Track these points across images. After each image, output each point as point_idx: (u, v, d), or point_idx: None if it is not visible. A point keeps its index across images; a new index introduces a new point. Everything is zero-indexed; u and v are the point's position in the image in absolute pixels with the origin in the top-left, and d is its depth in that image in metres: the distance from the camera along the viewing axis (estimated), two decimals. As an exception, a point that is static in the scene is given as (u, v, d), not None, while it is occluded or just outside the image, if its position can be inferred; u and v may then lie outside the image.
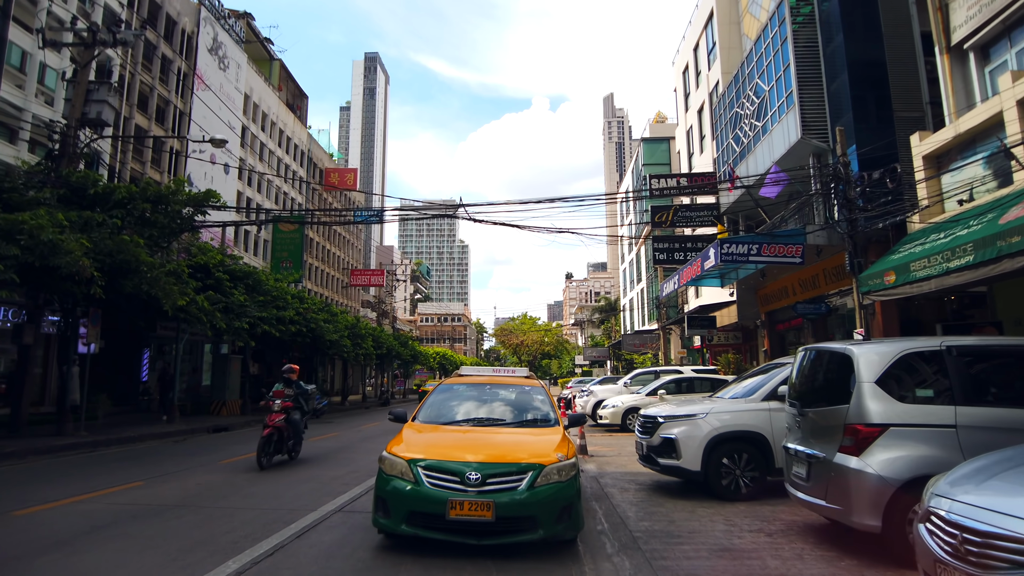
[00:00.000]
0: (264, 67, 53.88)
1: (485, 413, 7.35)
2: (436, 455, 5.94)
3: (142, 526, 6.81)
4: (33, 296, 15.51)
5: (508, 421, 7.19)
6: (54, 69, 24.79)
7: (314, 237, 59.99)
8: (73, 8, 25.15)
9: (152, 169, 33.60)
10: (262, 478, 10.16)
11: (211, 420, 21.91)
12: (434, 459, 5.86)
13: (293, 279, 33.43)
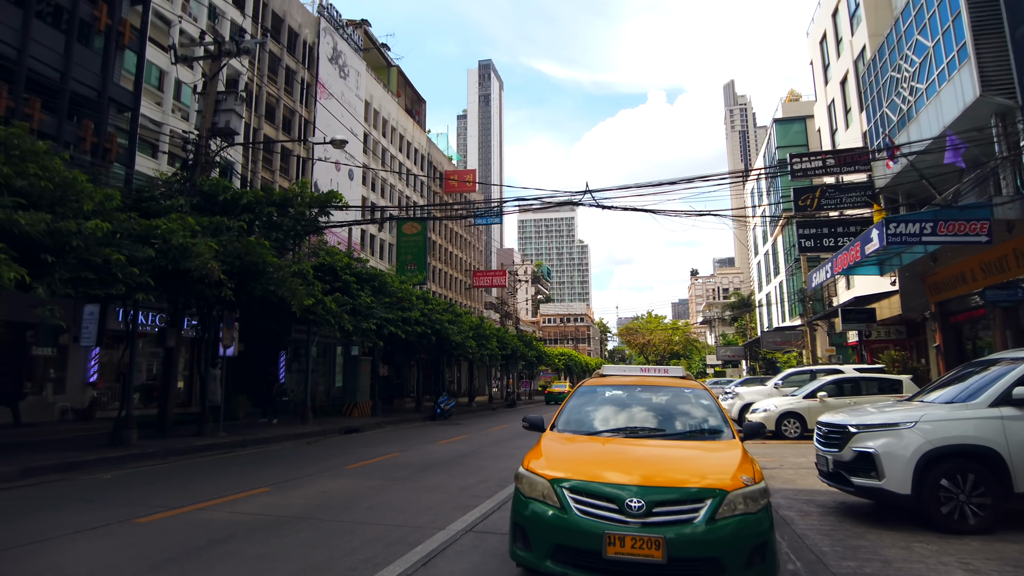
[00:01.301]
0: (382, 74, 55.38)
1: (638, 421, 6.02)
2: (585, 474, 4.71)
3: (258, 543, 6.12)
4: (173, 301, 16.00)
5: (668, 432, 5.81)
6: (187, 84, 26.29)
7: (436, 239, 60.96)
8: (202, 24, 26.61)
9: (281, 177, 35.09)
10: (387, 487, 9.43)
11: (343, 421, 22.07)
12: (583, 479, 4.63)
13: (417, 281, 33.57)
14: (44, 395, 17.45)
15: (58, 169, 10.84)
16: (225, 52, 17.69)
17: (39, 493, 8.82)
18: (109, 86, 19.65)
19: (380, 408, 26.69)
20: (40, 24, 17.69)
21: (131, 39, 20.70)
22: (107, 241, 11.05)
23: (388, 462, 12.44)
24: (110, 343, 19.48)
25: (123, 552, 5.84)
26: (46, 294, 9.89)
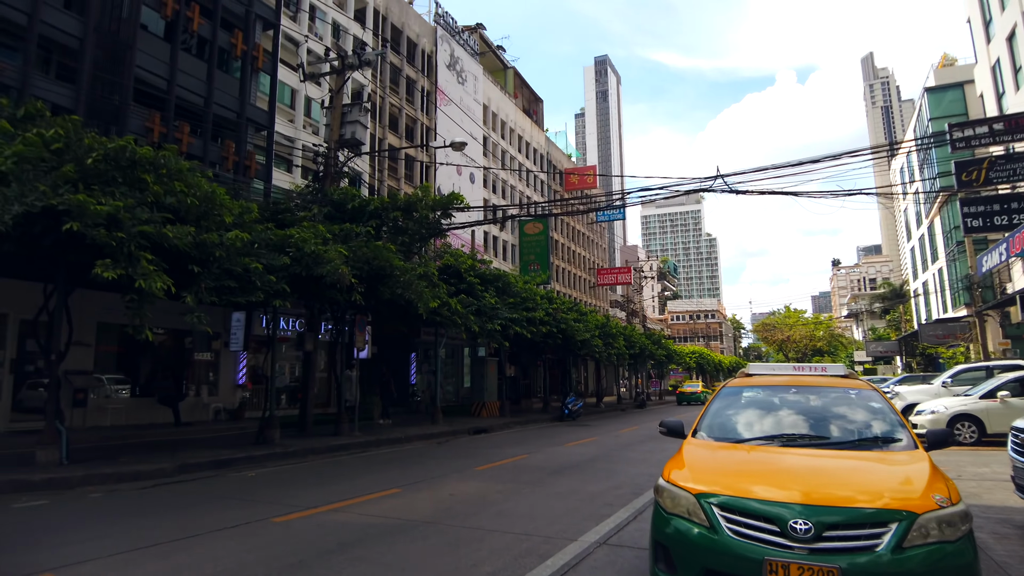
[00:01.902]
0: (499, 76, 55.94)
1: (795, 428, 5.18)
2: (736, 488, 4.02)
3: (386, 549, 5.94)
4: (309, 306, 16.72)
5: (832, 440, 4.93)
6: (316, 100, 27.74)
7: (558, 238, 60.72)
8: (327, 42, 28.01)
9: (405, 184, 36.26)
10: (516, 491, 9.09)
11: (471, 422, 22.20)
12: (734, 495, 3.95)
13: (541, 280, 33.43)
14: (200, 396, 18.92)
15: (201, 185, 11.50)
16: (348, 66, 18.31)
17: (192, 489, 9.30)
18: (247, 107, 21.03)
19: (507, 408, 26.70)
20: (185, 55, 19.22)
21: (264, 62, 22.08)
22: (246, 251, 11.58)
23: (516, 464, 12.15)
24: (256, 348, 20.81)
25: (257, 552, 5.86)
26: (194, 302, 10.46)
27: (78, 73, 16.07)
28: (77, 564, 5.38)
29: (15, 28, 15.05)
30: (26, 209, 8.65)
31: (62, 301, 10.69)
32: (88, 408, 14.92)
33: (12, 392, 14.16)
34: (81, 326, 14.22)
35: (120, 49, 17.02)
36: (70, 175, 9.48)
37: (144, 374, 17.85)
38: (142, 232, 9.56)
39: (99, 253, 9.25)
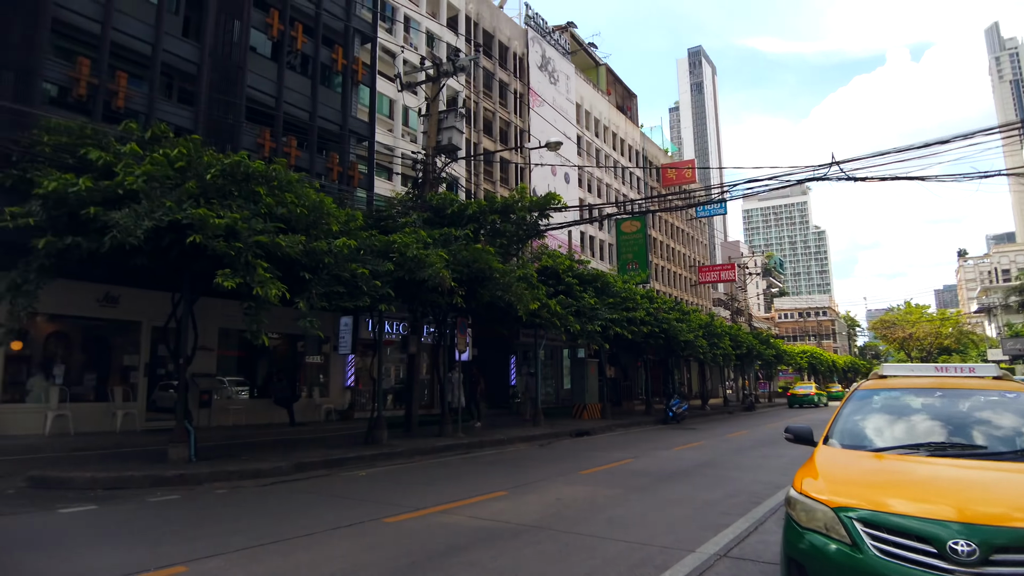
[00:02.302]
0: (591, 74, 55.38)
1: (943, 435, 4.59)
2: (880, 503, 3.58)
3: (497, 553, 5.84)
4: (412, 310, 17.07)
5: (991, 450, 4.36)
6: (413, 109, 28.47)
7: (657, 236, 59.32)
8: (422, 51, 28.68)
9: (501, 187, 36.54)
10: (625, 496, 8.79)
11: (573, 424, 21.96)
12: (879, 509, 3.52)
13: (640, 280, 32.67)
14: (313, 398, 19.79)
15: (309, 196, 11.98)
16: (443, 73, 18.59)
17: (307, 487, 9.63)
18: (348, 119, 21.86)
19: (609, 411, 26.24)
20: (290, 73, 20.25)
21: (363, 75, 22.88)
22: (353, 257, 11.95)
23: (623, 468, 11.81)
24: (363, 351, 21.53)
25: (371, 553, 5.92)
26: (306, 308, 10.88)
27: (196, 96, 17.24)
28: (206, 558, 5.62)
29: (141, 58, 16.35)
30: (155, 223, 9.26)
31: (188, 309, 11.40)
32: (212, 408, 15.95)
33: (147, 393, 15.35)
34: (205, 332, 15.21)
35: (233, 71, 18.12)
36: (192, 191, 10.09)
37: (261, 377, 18.87)
38: (257, 242, 10.04)
39: (219, 263, 9.78)
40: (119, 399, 14.55)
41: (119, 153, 10.61)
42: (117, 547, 6.07)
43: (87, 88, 14.60)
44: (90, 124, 11.68)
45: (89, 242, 9.47)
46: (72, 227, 9.67)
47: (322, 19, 21.32)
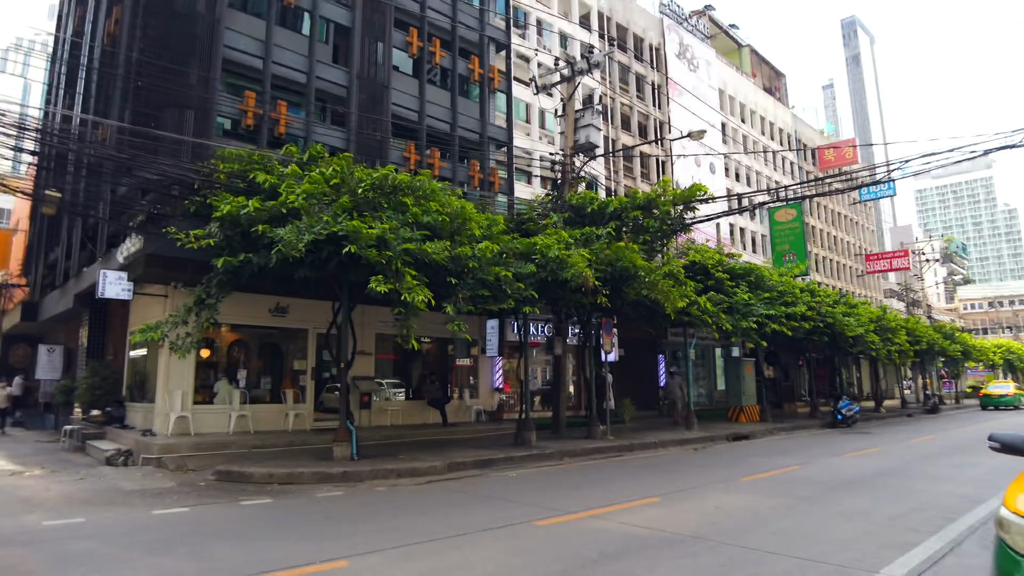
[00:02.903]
0: (733, 57, 52.64)
1: None
2: None
3: (651, 563, 5.52)
4: (556, 311, 17.02)
5: None
6: (549, 111, 28.54)
7: (815, 224, 55.11)
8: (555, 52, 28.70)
9: (642, 182, 35.68)
10: (792, 507, 8.05)
11: (728, 427, 20.81)
12: None
13: (799, 272, 30.35)
14: (463, 399, 20.35)
15: (452, 203, 12.32)
16: (578, 72, 18.41)
17: (460, 487, 9.82)
18: (487, 127, 22.32)
19: (769, 413, 24.58)
20: (430, 87, 21.07)
21: (499, 82, 23.27)
22: (495, 261, 12.11)
23: (788, 476, 10.90)
24: (509, 353, 21.84)
25: (521, 556, 5.85)
26: (453, 311, 11.16)
27: (347, 117, 18.41)
28: (366, 554, 5.83)
29: (297, 86, 17.81)
30: (314, 237, 9.92)
31: (346, 316, 12.12)
32: (372, 410, 16.89)
33: (315, 395, 16.59)
34: (363, 337, 16.14)
35: (378, 91, 19.17)
36: (346, 205, 10.72)
37: (415, 379, 19.72)
38: (405, 250, 10.47)
39: (372, 271, 10.30)
40: (290, 401, 15.84)
41: (282, 175, 11.53)
42: (287, 539, 6.47)
43: (254, 118, 16.08)
44: (257, 151, 12.81)
45: (259, 257, 10.35)
46: (244, 245, 10.63)
47: (457, 32, 21.97)
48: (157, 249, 13.07)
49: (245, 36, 16.63)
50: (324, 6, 18.71)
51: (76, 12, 24.42)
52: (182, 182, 12.87)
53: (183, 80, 14.71)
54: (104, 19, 19.68)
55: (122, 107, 16.02)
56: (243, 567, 5.50)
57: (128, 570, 5.60)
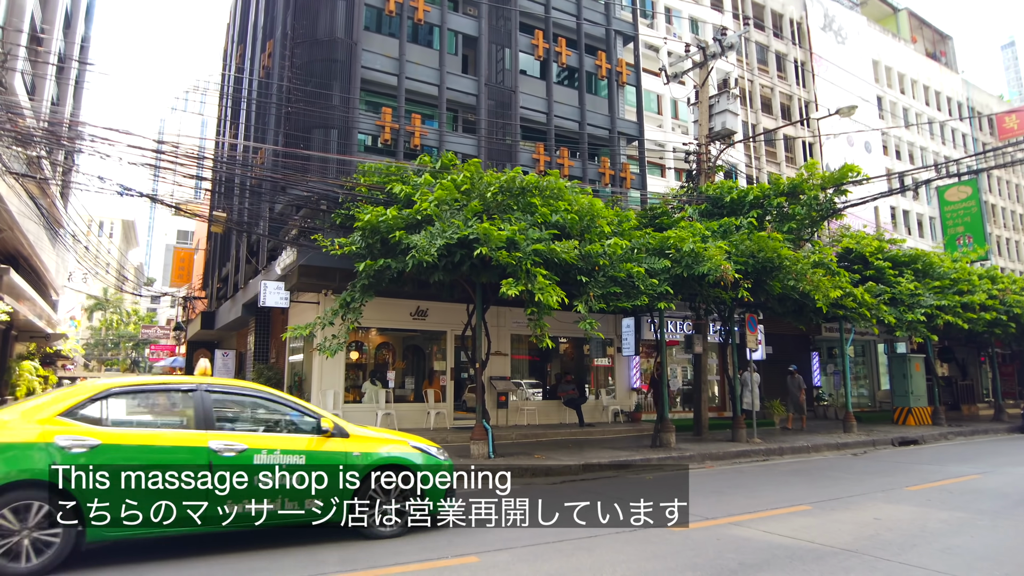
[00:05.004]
0: (888, 23, 47.88)
1: None
2: None
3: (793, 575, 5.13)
4: (695, 308, 16.36)
5: None
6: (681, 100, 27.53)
7: (996, 202, 48.73)
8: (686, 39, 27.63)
9: (788, 167, 33.44)
10: (968, 522, 7.13)
11: (894, 430, 18.93)
12: None
13: (977, 257, 27.04)
14: (600, 399, 20.14)
15: (580, 201, 12.23)
16: (710, 56, 17.61)
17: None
18: (616, 122, 21.96)
19: (942, 415, 22.03)
20: (557, 87, 21.12)
21: (628, 75, 22.82)
22: (627, 257, 11.88)
23: (964, 486, 9.69)
24: (647, 351, 21.34)
25: (654, 562, 5.68)
26: (584, 310, 11.09)
27: (476, 123, 18.92)
28: (496, 551, 5.92)
29: (430, 99, 18.59)
30: (446, 241, 10.27)
31: (480, 317, 12.41)
32: (508, 409, 17.20)
33: (455, 395, 17.19)
34: (499, 338, 16.48)
35: (506, 95, 19.51)
36: (476, 209, 10.99)
37: (551, 379, 19.82)
38: (535, 250, 10.55)
39: (503, 272, 10.48)
40: (432, 400, 16.54)
41: (416, 184, 12.04)
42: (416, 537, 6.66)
43: (390, 133, 16.98)
44: (394, 163, 13.48)
45: (397, 262, 10.88)
46: (384, 251, 11.23)
47: (583, 29, 21.82)
48: (309, 260, 14.16)
49: (380, 56, 17.60)
50: (452, 19, 19.36)
51: (238, 51, 27.14)
52: (329, 197, 13.85)
53: (327, 102, 15.84)
54: (259, 53, 21.70)
55: (276, 132, 17.52)
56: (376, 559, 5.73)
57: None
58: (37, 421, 5.29)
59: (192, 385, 6.01)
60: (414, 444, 6.81)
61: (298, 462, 5.89)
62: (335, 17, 17.00)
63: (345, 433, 6.32)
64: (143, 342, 60.85)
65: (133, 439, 5.48)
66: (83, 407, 5.49)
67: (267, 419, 6.34)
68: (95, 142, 11.67)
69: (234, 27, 29.62)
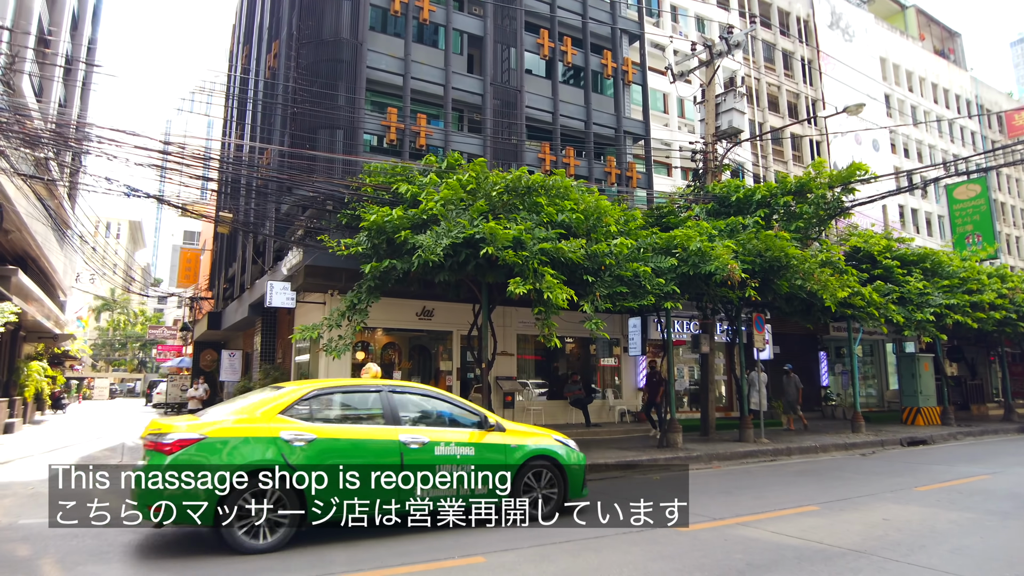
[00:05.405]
0: (896, 20, 47.62)
1: None
2: None
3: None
4: (702, 307, 16.30)
5: None
6: (688, 99, 27.46)
7: (1006, 200, 48.39)
8: (692, 37, 27.56)
9: (795, 165, 33.33)
10: (978, 522, 7.07)
11: (903, 430, 18.81)
12: None
13: (985, 255, 26.82)
14: (606, 399, 20.09)
15: (586, 200, 12.20)
16: (717, 54, 17.54)
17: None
18: (622, 121, 21.92)
19: (951, 415, 21.89)
20: (563, 87, 21.13)
21: (634, 74, 22.78)
22: (633, 256, 11.86)
23: (974, 487, 9.61)
24: (654, 351, 21.27)
25: (661, 563, 5.64)
26: (590, 310, 11.06)
27: (482, 123, 18.93)
28: (502, 552, 5.89)
29: (435, 99, 18.62)
30: (452, 241, 10.25)
31: (486, 317, 12.40)
32: (515, 409, 17.16)
33: (461, 395, 17.14)
34: (505, 338, 16.47)
35: (512, 95, 19.52)
36: (482, 208, 10.98)
37: (557, 379, 19.78)
38: (542, 249, 10.53)
39: (509, 272, 10.46)
40: (440, 400, 16.54)
41: (422, 184, 12.04)
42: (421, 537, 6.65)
43: (396, 133, 17.00)
44: (399, 163, 13.49)
45: (403, 263, 10.87)
46: (390, 252, 11.22)
47: (588, 28, 21.80)
48: (315, 260, 14.18)
49: (386, 56, 17.62)
50: (457, 18, 19.36)
51: (243, 51, 27.22)
52: (334, 197, 13.85)
53: (332, 103, 15.87)
54: (265, 54, 21.75)
55: (282, 132, 17.58)
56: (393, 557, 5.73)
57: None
58: (265, 419, 6.06)
59: (379, 386, 6.94)
60: (556, 438, 7.58)
61: (468, 453, 6.73)
62: (340, 17, 17.02)
63: (502, 427, 7.13)
64: (150, 342, 61.22)
65: (341, 433, 6.29)
66: (296, 406, 6.29)
67: (436, 415, 7.09)
68: (102, 143, 11.70)
69: (240, 28, 29.71)
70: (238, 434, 5.87)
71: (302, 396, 6.38)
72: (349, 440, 6.26)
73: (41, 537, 6.30)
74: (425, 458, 6.43)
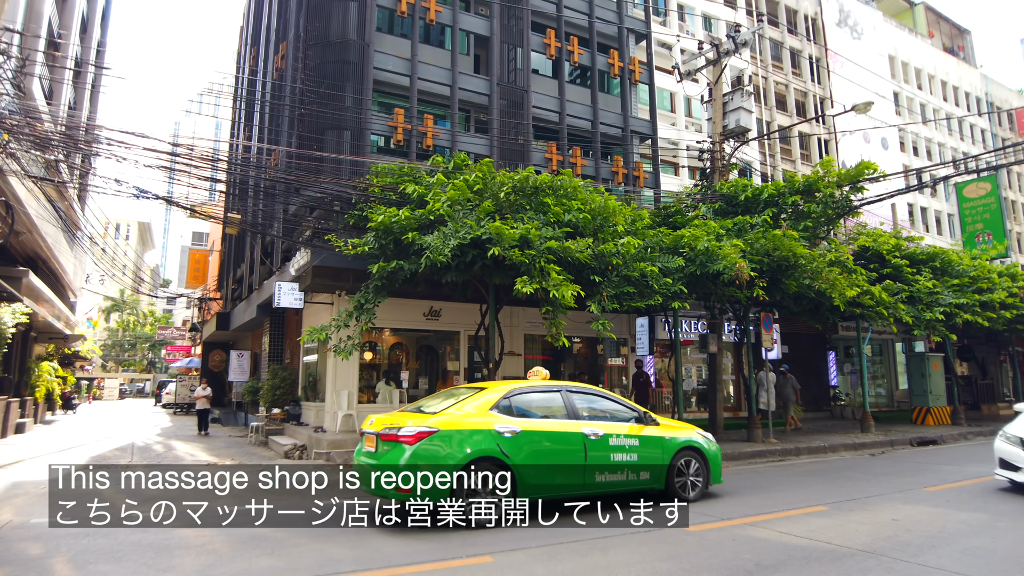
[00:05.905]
0: (904, 17, 47.31)
1: None
2: None
3: None
4: (709, 307, 16.25)
5: None
6: (695, 98, 27.40)
7: (1016, 198, 48.03)
8: (699, 36, 27.49)
9: (803, 164, 33.19)
10: (989, 524, 7.03)
11: (912, 430, 18.70)
12: None
13: (996, 254, 26.63)
14: (614, 400, 20.10)
15: (594, 199, 12.20)
16: (724, 53, 17.47)
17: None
18: (629, 121, 21.88)
19: (962, 415, 21.74)
20: (570, 87, 21.11)
21: (641, 73, 22.73)
22: (640, 256, 11.84)
23: (984, 487, 9.53)
24: (661, 351, 21.21)
25: (669, 563, 5.63)
26: (597, 310, 11.06)
27: (489, 123, 18.93)
28: (510, 551, 5.89)
29: (442, 99, 18.65)
30: (459, 241, 10.26)
31: (493, 317, 12.41)
32: (524, 410, 17.21)
33: (469, 395, 17.23)
34: (512, 338, 16.44)
35: (519, 95, 19.52)
36: (489, 208, 10.99)
37: (565, 379, 19.74)
38: (548, 248, 10.54)
39: (516, 272, 10.47)
40: (446, 400, 16.54)
41: (429, 185, 12.05)
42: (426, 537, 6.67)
43: (403, 133, 17.03)
44: (407, 164, 13.50)
45: (410, 263, 10.89)
46: (397, 252, 11.24)
47: (595, 28, 21.77)
48: (323, 261, 14.21)
49: (393, 56, 17.65)
50: (464, 19, 19.37)
51: (251, 53, 27.33)
52: (342, 198, 13.89)
53: (340, 103, 15.92)
54: (272, 55, 21.84)
55: (290, 133, 17.63)
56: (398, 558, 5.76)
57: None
58: (479, 413, 7.17)
59: (559, 386, 8.07)
60: (699, 432, 8.62)
61: (634, 443, 7.81)
62: (347, 19, 17.07)
63: (656, 422, 8.20)
64: (159, 343, 61.56)
65: (538, 426, 7.37)
66: (501, 403, 7.37)
67: (604, 411, 8.04)
68: (111, 145, 11.79)
69: (247, 30, 29.83)
70: (464, 427, 6.97)
71: (504, 394, 7.46)
72: (545, 432, 7.35)
73: (53, 536, 6.35)
74: (602, 447, 7.53)
